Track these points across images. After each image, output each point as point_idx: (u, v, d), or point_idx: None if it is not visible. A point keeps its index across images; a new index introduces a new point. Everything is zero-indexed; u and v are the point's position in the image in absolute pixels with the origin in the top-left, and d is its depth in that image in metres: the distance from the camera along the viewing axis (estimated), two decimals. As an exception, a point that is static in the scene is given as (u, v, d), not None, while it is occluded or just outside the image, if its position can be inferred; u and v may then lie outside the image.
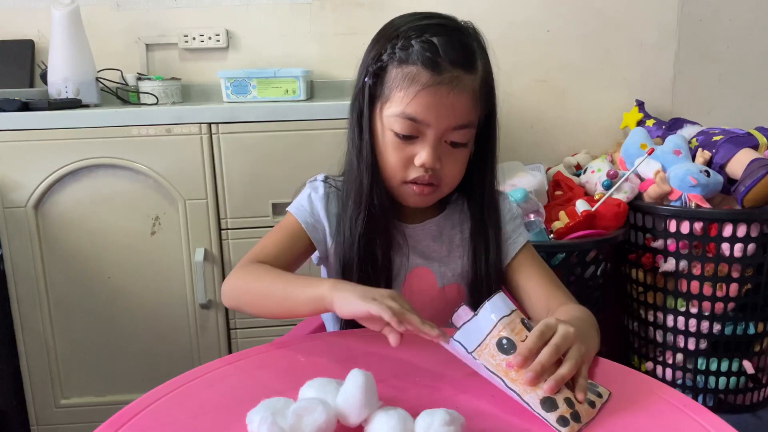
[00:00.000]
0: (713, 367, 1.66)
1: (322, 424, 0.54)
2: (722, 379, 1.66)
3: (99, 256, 1.49)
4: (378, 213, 0.86)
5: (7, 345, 1.50)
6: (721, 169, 1.63)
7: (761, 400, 1.73)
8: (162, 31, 1.83)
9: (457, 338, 0.63)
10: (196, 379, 0.68)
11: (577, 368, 0.62)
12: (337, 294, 0.70)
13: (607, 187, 1.67)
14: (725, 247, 1.56)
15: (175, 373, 0.68)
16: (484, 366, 0.62)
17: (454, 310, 0.66)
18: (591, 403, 0.60)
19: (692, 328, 1.64)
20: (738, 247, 1.55)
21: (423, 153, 0.81)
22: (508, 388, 0.60)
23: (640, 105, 1.92)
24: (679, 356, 1.68)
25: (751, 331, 1.63)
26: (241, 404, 0.59)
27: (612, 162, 1.82)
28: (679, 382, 1.70)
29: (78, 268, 1.49)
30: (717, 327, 1.62)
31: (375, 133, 0.85)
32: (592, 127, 1.97)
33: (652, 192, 1.62)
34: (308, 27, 1.86)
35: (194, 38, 1.83)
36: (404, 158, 0.82)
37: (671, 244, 1.60)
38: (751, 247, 1.56)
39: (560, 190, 1.77)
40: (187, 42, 1.83)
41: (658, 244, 1.63)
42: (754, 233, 1.55)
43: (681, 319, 1.65)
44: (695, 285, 1.61)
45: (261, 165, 1.48)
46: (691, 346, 1.66)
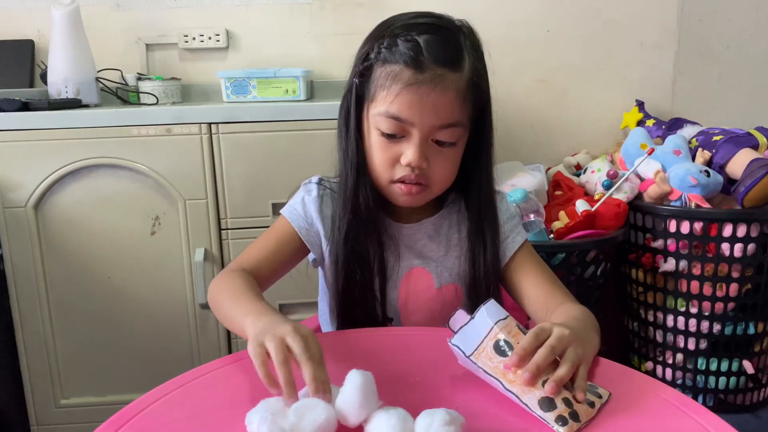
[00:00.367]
0: (713, 367, 1.66)
1: (323, 422, 0.54)
2: (722, 379, 1.66)
3: (99, 256, 1.49)
4: (364, 213, 0.85)
5: (7, 345, 1.50)
6: (721, 169, 1.63)
7: (761, 400, 1.73)
8: (162, 31, 1.83)
9: (454, 342, 0.64)
10: (196, 379, 0.68)
11: (574, 369, 0.62)
12: (249, 329, 0.68)
13: (607, 187, 1.67)
14: (725, 247, 1.56)
15: (175, 373, 0.68)
16: (482, 369, 0.62)
17: (451, 314, 0.66)
18: (590, 404, 0.60)
19: (692, 328, 1.64)
20: (738, 247, 1.55)
21: (408, 152, 0.80)
22: (506, 390, 0.61)
23: (640, 105, 1.92)
24: (679, 356, 1.68)
25: (751, 331, 1.63)
26: (241, 404, 0.59)
27: (612, 162, 1.82)
28: (679, 382, 1.70)
29: (78, 268, 1.49)
30: (717, 327, 1.62)
31: (363, 132, 0.85)
32: (592, 127, 1.97)
33: (652, 192, 1.62)
34: (308, 27, 1.86)
35: (194, 38, 1.83)
36: (391, 158, 0.82)
37: (671, 244, 1.60)
38: (751, 247, 1.56)
39: (560, 190, 1.77)
40: (187, 42, 1.83)
41: (658, 244, 1.63)
42: (754, 233, 1.55)
43: (681, 319, 1.65)
44: (695, 285, 1.61)
45: (261, 165, 1.48)
46: (691, 346, 1.66)
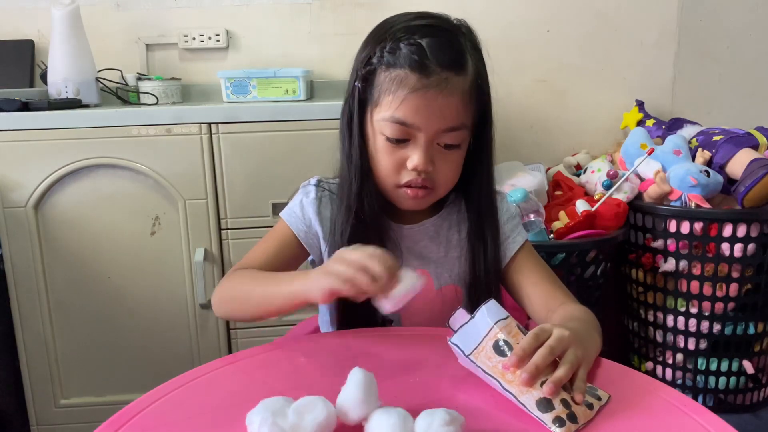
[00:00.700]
0: (713, 367, 1.66)
1: (323, 420, 0.54)
2: (722, 379, 1.66)
3: (99, 256, 1.49)
4: (368, 218, 0.85)
5: (7, 345, 1.50)
6: (721, 169, 1.63)
7: (761, 400, 1.73)
8: (162, 31, 1.83)
9: (454, 341, 0.64)
10: (196, 379, 0.68)
11: (573, 371, 0.62)
12: (308, 283, 0.71)
13: (607, 187, 1.67)
14: (725, 247, 1.56)
15: (175, 373, 0.68)
16: (481, 368, 0.62)
17: (451, 313, 0.66)
18: (589, 406, 0.60)
19: (692, 328, 1.64)
20: (738, 247, 1.55)
21: (415, 156, 0.80)
22: (505, 390, 0.61)
23: (640, 105, 1.92)
24: (679, 356, 1.68)
25: (751, 331, 1.63)
26: (241, 404, 0.59)
27: (612, 162, 1.82)
28: (679, 382, 1.70)
29: (78, 268, 1.49)
30: (717, 327, 1.62)
31: (366, 137, 0.84)
32: (592, 127, 1.97)
33: (652, 192, 1.62)
34: (308, 27, 1.86)
35: (194, 38, 1.83)
36: (396, 162, 0.82)
37: (671, 244, 1.61)
38: (751, 247, 1.56)
39: (560, 190, 1.77)
40: (187, 42, 1.83)
41: (658, 244, 1.63)
42: (754, 233, 1.55)
43: (681, 319, 1.65)
44: (695, 285, 1.61)
45: (261, 165, 1.48)
46: (691, 346, 1.66)
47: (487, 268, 0.88)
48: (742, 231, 1.54)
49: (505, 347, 0.62)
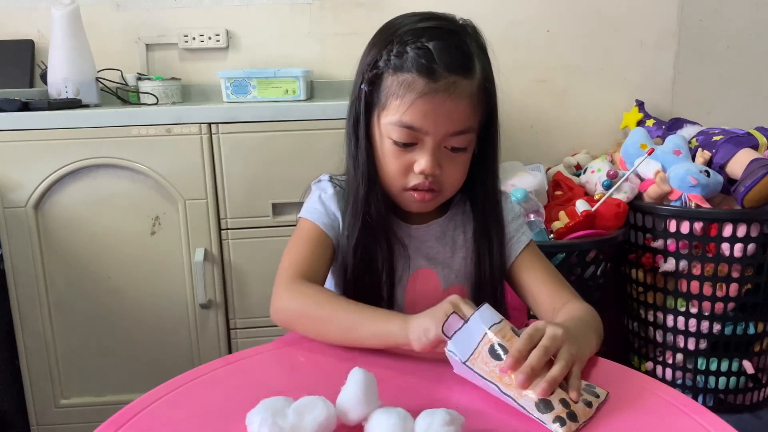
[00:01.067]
0: (713, 367, 1.66)
1: (323, 420, 0.54)
2: (722, 379, 1.66)
3: (99, 256, 1.49)
4: (375, 222, 0.85)
5: (7, 345, 1.50)
6: (721, 169, 1.63)
7: (761, 400, 1.73)
8: (162, 31, 1.83)
9: (449, 348, 0.63)
10: (196, 379, 0.68)
11: (568, 369, 0.62)
12: (410, 329, 0.68)
13: (607, 187, 1.67)
14: (725, 247, 1.56)
15: (175, 373, 0.68)
16: (478, 374, 0.62)
17: (444, 320, 0.66)
18: (588, 404, 0.60)
19: (692, 328, 1.64)
20: (738, 247, 1.55)
21: (422, 160, 0.80)
22: (503, 393, 0.60)
23: (640, 105, 1.92)
24: (679, 356, 1.68)
25: (751, 331, 1.63)
26: (241, 404, 0.59)
27: (612, 162, 1.82)
28: (679, 382, 1.70)
29: (78, 268, 1.49)
30: (717, 327, 1.62)
31: (373, 140, 0.84)
32: (592, 127, 1.97)
33: (652, 192, 1.62)
34: (308, 27, 1.86)
35: (194, 38, 1.83)
36: (404, 165, 0.82)
37: (671, 244, 1.60)
38: (751, 247, 1.56)
39: (560, 190, 1.77)
40: (187, 42, 1.83)
41: (658, 244, 1.63)
42: (754, 233, 1.55)
43: (681, 319, 1.65)
44: (695, 285, 1.61)
45: (261, 165, 1.48)
46: (691, 346, 1.66)
47: (492, 269, 0.88)
48: (742, 231, 1.54)
49: (500, 351, 0.62)
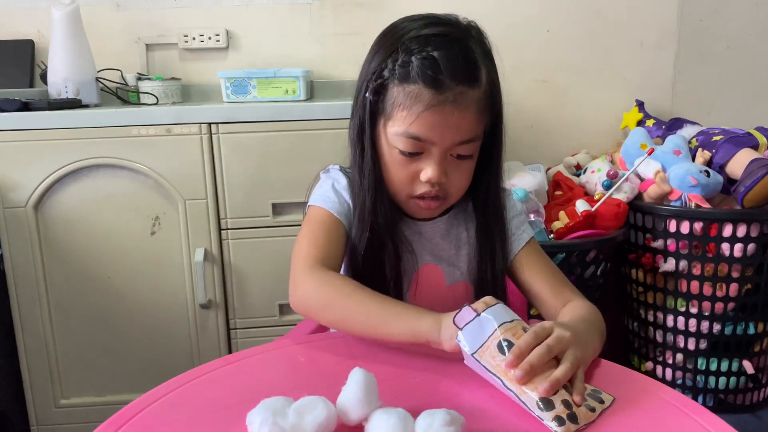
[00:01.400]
0: (713, 367, 1.66)
1: (323, 420, 0.54)
2: (722, 379, 1.66)
3: (99, 256, 1.49)
4: (382, 228, 0.85)
5: (7, 345, 1.50)
6: (721, 169, 1.63)
7: (761, 400, 1.73)
8: (162, 31, 1.83)
9: (459, 339, 0.64)
10: (196, 379, 0.68)
11: (573, 371, 0.62)
12: (443, 329, 0.67)
13: (607, 187, 1.67)
14: (725, 247, 1.56)
15: (175, 373, 0.68)
16: (484, 367, 0.62)
17: (457, 311, 0.66)
18: (590, 408, 0.60)
19: (692, 328, 1.64)
20: (738, 247, 1.55)
21: (429, 169, 0.80)
22: (506, 388, 0.61)
23: (640, 105, 1.92)
24: (679, 356, 1.68)
25: (751, 331, 1.63)
26: (241, 404, 0.59)
27: (612, 162, 1.82)
28: (679, 382, 1.70)
29: (78, 268, 1.49)
30: (717, 327, 1.62)
31: (379, 148, 0.84)
32: (592, 127, 1.97)
33: (652, 192, 1.62)
34: (308, 27, 1.86)
35: (194, 38, 1.83)
36: (410, 174, 0.82)
37: (671, 244, 1.60)
38: (751, 247, 1.56)
39: (560, 190, 1.77)
40: (187, 42, 1.83)
41: (658, 244, 1.63)
42: (754, 233, 1.55)
43: (681, 319, 1.65)
44: (695, 285, 1.61)
45: (261, 165, 1.48)
46: (691, 346, 1.66)
47: (494, 266, 0.89)
48: (742, 231, 1.54)
49: (508, 347, 0.62)
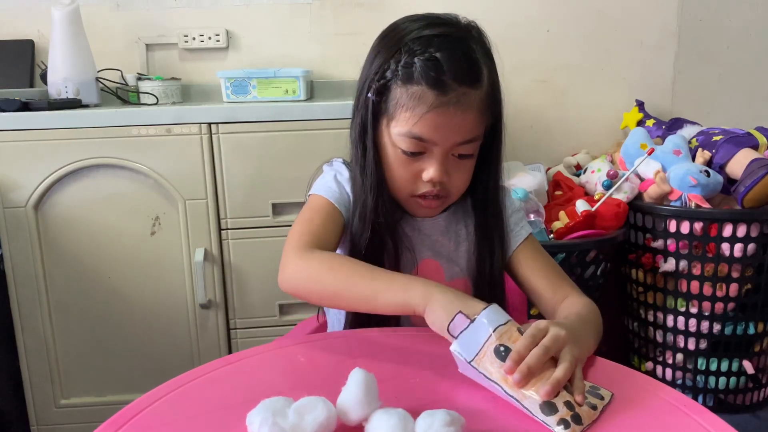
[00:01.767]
0: (713, 367, 1.66)
1: (324, 420, 0.54)
2: (722, 379, 1.66)
3: (99, 256, 1.49)
4: (383, 227, 0.85)
5: (7, 345, 1.50)
6: (721, 169, 1.63)
7: (761, 400, 1.73)
8: (162, 31, 1.83)
9: (455, 348, 0.63)
10: (196, 379, 0.68)
11: (572, 370, 0.62)
12: (430, 306, 0.67)
13: (607, 187, 1.67)
14: (725, 247, 1.56)
15: (175, 373, 0.68)
16: (483, 374, 0.62)
17: (450, 320, 0.65)
18: (592, 406, 0.60)
19: (692, 328, 1.64)
20: (738, 247, 1.55)
21: (431, 169, 0.81)
22: (508, 395, 0.60)
23: (640, 105, 1.92)
24: (679, 356, 1.68)
25: (751, 331, 1.63)
26: (241, 404, 0.59)
27: (612, 162, 1.82)
28: (679, 382, 1.70)
29: (78, 268, 1.49)
30: (717, 327, 1.62)
31: (381, 147, 0.84)
32: (592, 127, 1.97)
33: (652, 192, 1.62)
34: (308, 27, 1.86)
35: (194, 38, 1.83)
36: (412, 173, 0.83)
37: (671, 244, 1.60)
38: (751, 247, 1.56)
39: (560, 190, 1.77)
40: (187, 42, 1.83)
41: (658, 244, 1.63)
42: (754, 233, 1.55)
43: (681, 319, 1.65)
44: (695, 285, 1.61)
45: (261, 165, 1.48)
46: (691, 346, 1.66)
47: (492, 263, 0.89)
48: (742, 231, 1.54)
49: (506, 352, 0.61)
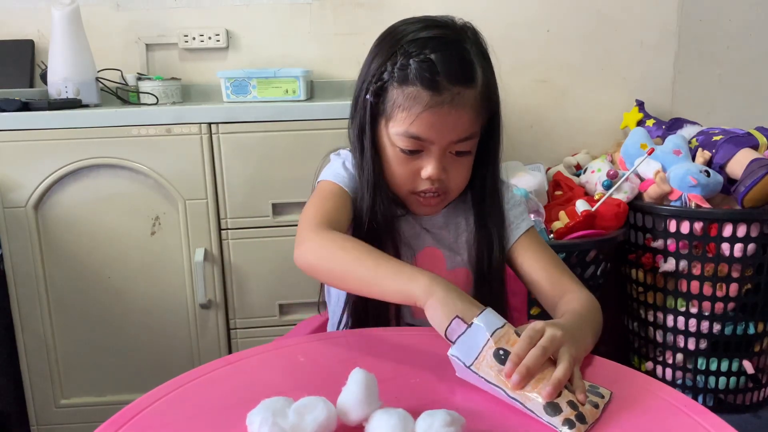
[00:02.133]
0: (713, 367, 1.66)
1: (323, 420, 0.54)
2: (722, 379, 1.66)
3: (99, 256, 1.49)
4: (381, 225, 0.87)
5: (7, 345, 1.50)
6: (721, 169, 1.63)
7: (761, 400, 1.73)
8: (162, 31, 1.83)
9: (453, 353, 0.63)
10: (196, 379, 0.68)
11: (571, 369, 0.62)
12: (431, 302, 0.67)
13: (607, 187, 1.67)
14: (725, 247, 1.56)
15: (175, 373, 0.68)
16: (483, 378, 0.61)
17: (447, 324, 0.65)
18: (594, 405, 0.60)
19: (692, 328, 1.64)
20: (738, 247, 1.55)
21: (429, 167, 0.83)
22: (510, 397, 0.60)
23: (640, 105, 1.92)
24: (679, 356, 1.68)
25: (751, 331, 1.63)
26: (241, 404, 0.59)
27: (612, 162, 1.82)
28: (679, 382, 1.70)
29: (78, 268, 1.49)
30: (717, 327, 1.62)
31: (380, 146, 0.86)
32: (592, 127, 1.97)
33: (652, 192, 1.62)
34: (308, 27, 1.86)
35: (194, 38, 1.83)
36: (411, 171, 0.85)
37: (671, 244, 1.60)
38: (751, 247, 1.56)
39: (560, 190, 1.77)
40: (187, 42, 1.83)
41: (658, 244, 1.63)
42: (754, 233, 1.55)
43: (681, 319, 1.65)
44: (695, 285, 1.61)
45: (261, 165, 1.48)
46: (691, 346, 1.66)
47: (492, 256, 0.90)
48: (742, 231, 1.54)
49: (505, 355, 0.61)
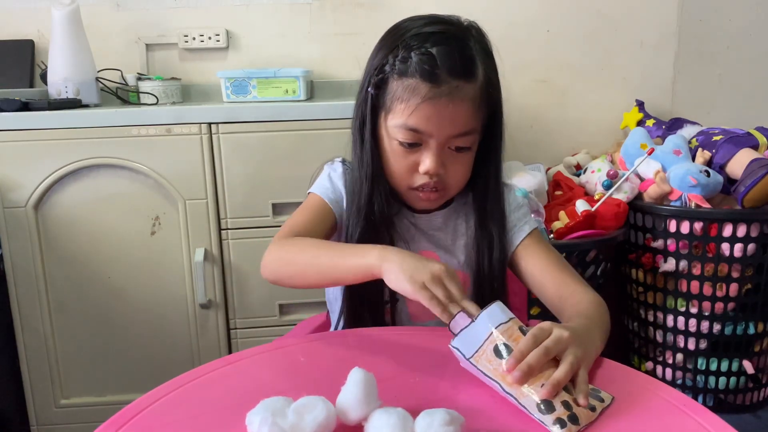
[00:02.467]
0: (713, 367, 1.66)
1: (323, 420, 0.54)
2: (722, 379, 1.66)
3: (99, 256, 1.49)
4: (377, 219, 0.87)
5: (7, 345, 1.50)
6: (721, 169, 1.63)
7: (761, 400, 1.73)
8: (162, 31, 1.83)
9: (454, 344, 0.64)
10: (196, 379, 0.68)
11: (573, 372, 0.62)
12: (386, 266, 0.71)
13: (607, 187, 1.67)
14: (725, 247, 1.56)
15: (175, 373, 0.68)
16: (481, 371, 0.62)
17: (452, 317, 0.66)
18: (591, 407, 0.60)
19: (692, 328, 1.64)
20: (738, 247, 1.55)
21: (427, 161, 0.83)
22: (506, 392, 0.60)
23: (640, 105, 1.92)
24: (679, 356, 1.68)
25: (751, 331, 1.63)
26: (241, 404, 0.59)
27: (612, 162, 1.82)
28: (679, 382, 1.70)
29: (78, 268, 1.49)
30: (717, 327, 1.62)
31: (379, 141, 0.87)
32: (592, 127, 1.97)
33: (652, 192, 1.62)
34: (308, 27, 1.86)
35: (194, 38, 1.83)
36: (409, 165, 0.84)
37: (671, 244, 1.60)
38: (751, 247, 1.56)
39: (560, 190, 1.77)
40: (187, 42, 1.83)
41: (658, 244, 1.63)
42: (754, 233, 1.55)
43: (681, 319, 1.65)
44: (695, 285, 1.61)
45: (261, 165, 1.48)
46: (691, 346, 1.66)
47: (492, 259, 0.90)
48: (742, 231, 1.54)
49: (504, 350, 0.62)
